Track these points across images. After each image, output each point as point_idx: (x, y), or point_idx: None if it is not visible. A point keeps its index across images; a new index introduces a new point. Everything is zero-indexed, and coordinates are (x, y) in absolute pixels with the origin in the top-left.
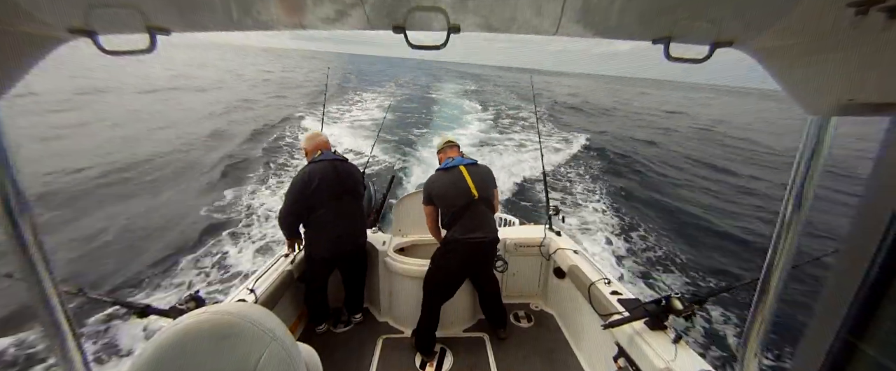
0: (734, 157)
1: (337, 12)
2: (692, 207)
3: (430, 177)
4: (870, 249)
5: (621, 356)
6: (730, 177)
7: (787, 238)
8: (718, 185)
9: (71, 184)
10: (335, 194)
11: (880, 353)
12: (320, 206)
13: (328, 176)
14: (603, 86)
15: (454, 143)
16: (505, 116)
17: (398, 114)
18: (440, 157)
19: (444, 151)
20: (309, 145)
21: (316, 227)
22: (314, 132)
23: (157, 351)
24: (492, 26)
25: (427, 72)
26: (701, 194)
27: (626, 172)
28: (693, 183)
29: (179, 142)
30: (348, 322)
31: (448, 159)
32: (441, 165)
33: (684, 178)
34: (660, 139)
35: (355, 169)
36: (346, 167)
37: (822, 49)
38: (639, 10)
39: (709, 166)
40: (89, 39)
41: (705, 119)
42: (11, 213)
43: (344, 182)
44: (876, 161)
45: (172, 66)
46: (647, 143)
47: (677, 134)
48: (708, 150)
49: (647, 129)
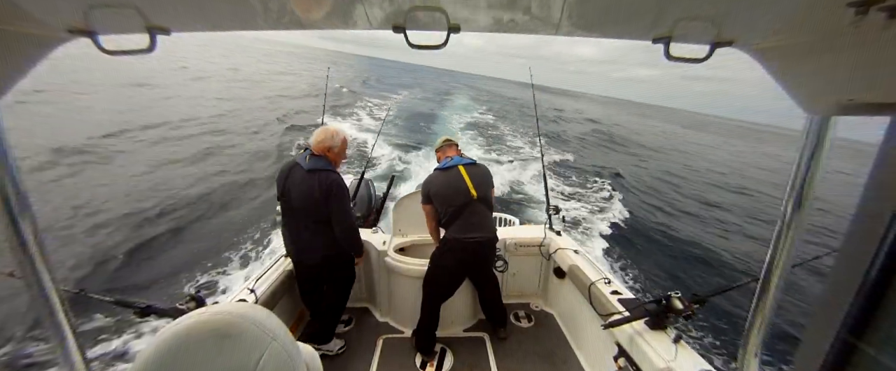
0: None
1: (337, 12)
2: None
3: (428, 176)
4: (870, 249)
5: (621, 356)
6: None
7: (787, 238)
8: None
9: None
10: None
11: (880, 353)
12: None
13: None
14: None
15: (453, 142)
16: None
17: (402, 117)
18: (439, 155)
19: (442, 150)
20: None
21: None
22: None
23: (157, 351)
24: (492, 26)
25: (443, 81)
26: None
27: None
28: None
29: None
30: (349, 322)
31: (447, 158)
32: (440, 164)
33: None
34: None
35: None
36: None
37: (821, 49)
38: (639, 10)
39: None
40: (89, 39)
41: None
42: (11, 213)
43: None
44: (876, 161)
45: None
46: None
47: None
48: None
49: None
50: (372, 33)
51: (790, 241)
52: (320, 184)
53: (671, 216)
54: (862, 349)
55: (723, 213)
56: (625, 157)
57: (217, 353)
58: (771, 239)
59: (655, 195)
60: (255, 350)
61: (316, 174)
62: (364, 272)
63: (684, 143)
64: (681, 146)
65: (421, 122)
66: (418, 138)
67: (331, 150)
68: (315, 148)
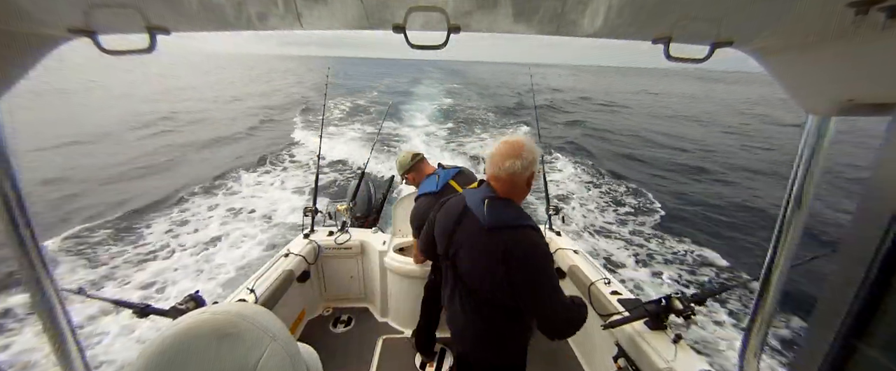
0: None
1: (336, 12)
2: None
3: (419, 204)
4: (870, 249)
5: (621, 356)
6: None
7: (787, 238)
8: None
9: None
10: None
11: (880, 354)
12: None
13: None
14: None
15: (422, 156)
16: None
17: (397, 115)
18: (411, 177)
19: (416, 170)
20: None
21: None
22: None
23: (157, 350)
24: (492, 27)
25: (417, 70)
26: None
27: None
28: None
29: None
30: (348, 322)
31: (430, 177)
32: (427, 188)
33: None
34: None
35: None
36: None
37: (822, 49)
38: (639, 10)
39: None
40: (89, 39)
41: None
42: (11, 213)
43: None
44: (876, 161)
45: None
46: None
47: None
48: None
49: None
50: (340, 33)
51: (790, 241)
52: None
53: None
54: (862, 349)
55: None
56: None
57: (217, 352)
58: (771, 239)
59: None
60: (255, 350)
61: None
62: (364, 272)
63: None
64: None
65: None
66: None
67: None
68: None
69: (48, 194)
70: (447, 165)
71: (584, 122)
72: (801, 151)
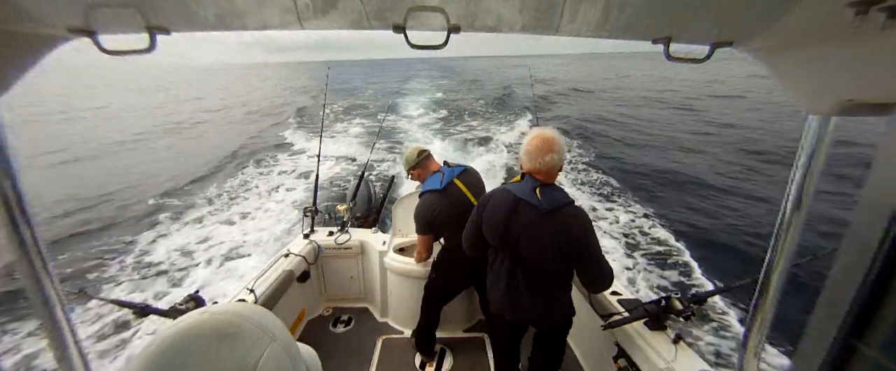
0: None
1: (336, 12)
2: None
3: (424, 201)
4: (870, 249)
5: (621, 356)
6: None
7: (787, 238)
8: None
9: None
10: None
11: (880, 354)
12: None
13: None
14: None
15: (428, 152)
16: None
17: (396, 113)
18: (417, 173)
19: (422, 166)
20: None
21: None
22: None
23: (157, 350)
24: (492, 26)
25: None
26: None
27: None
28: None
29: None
30: (348, 322)
31: (435, 174)
32: (431, 185)
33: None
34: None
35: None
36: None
37: (821, 49)
38: (639, 10)
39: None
40: (89, 39)
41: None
42: (11, 213)
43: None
44: (876, 161)
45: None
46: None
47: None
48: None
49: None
50: (330, 37)
51: (790, 241)
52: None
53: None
54: (862, 349)
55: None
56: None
57: (216, 352)
58: (770, 239)
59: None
60: (255, 350)
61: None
62: (364, 272)
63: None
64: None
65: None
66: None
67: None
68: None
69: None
70: (453, 164)
71: (580, 112)
72: (801, 151)
